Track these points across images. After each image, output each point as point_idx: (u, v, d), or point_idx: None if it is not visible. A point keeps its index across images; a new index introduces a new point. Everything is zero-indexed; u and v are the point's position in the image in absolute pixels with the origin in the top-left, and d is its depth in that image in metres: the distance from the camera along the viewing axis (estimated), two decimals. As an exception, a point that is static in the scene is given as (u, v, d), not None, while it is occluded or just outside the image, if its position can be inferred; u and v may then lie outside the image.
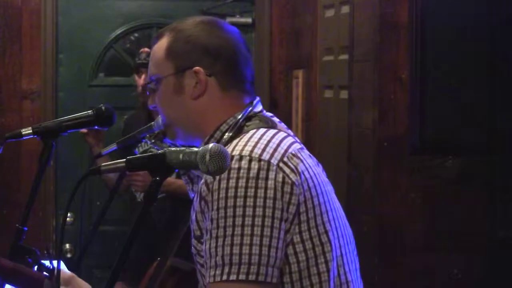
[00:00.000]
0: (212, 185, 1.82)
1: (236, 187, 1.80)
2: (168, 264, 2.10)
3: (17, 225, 2.13)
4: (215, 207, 1.81)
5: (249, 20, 5.28)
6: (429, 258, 3.92)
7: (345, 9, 4.35)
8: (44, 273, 2.05)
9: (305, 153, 1.93)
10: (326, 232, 1.88)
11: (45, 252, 4.75)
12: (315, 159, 1.98)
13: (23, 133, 2.23)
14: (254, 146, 1.85)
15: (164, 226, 4.05)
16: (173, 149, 1.65)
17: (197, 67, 1.98)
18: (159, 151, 1.65)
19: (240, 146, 1.86)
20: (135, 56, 4.52)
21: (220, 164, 1.58)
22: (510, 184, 3.92)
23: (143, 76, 4.24)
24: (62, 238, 1.99)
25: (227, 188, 1.80)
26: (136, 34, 5.34)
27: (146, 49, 4.26)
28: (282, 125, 2.02)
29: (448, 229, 3.93)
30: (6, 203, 4.97)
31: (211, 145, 1.59)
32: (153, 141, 2.11)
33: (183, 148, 1.64)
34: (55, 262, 1.94)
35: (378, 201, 3.95)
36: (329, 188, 1.96)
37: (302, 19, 5.07)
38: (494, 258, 3.93)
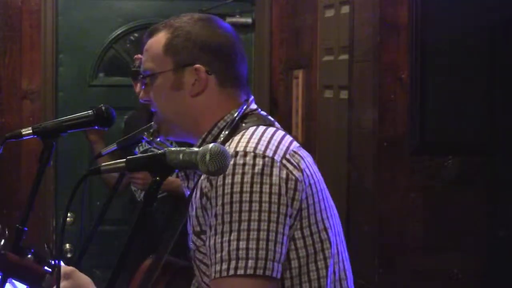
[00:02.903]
0: (216, 181, 1.82)
1: (242, 182, 1.80)
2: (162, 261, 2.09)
3: (17, 225, 2.13)
4: (219, 203, 1.81)
5: (249, 20, 5.27)
6: (429, 258, 3.92)
7: (345, 9, 4.35)
8: (46, 268, 2.05)
9: (304, 152, 1.95)
10: (326, 229, 1.90)
11: (46, 247, 4.75)
12: (311, 157, 2.00)
13: (23, 133, 2.22)
14: (257, 143, 1.86)
15: (164, 225, 4.04)
16: (173, 149, 1.64)
17: (197, 65, 1.97)
18: (159, 151, 1.65)
19: (243, 143, 1.86)
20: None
21: (220, 164, 1.58)
22: (510, 184, 3.92)
23: (138, 84, 4.23)
24: (62, 238, 1.99)
25: (232, 183, 1.80)
26: (136, 34, 5.34)
27: (140, 56, 4.25)
28: (277, 124, 2.03)
29: (448, 229, 3.93)
30: (6, 203, 4.96)
31: (211, 145, 1.59)
32: (151, 138, 2.11)
33: (183, 148, 1.64)
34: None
35: (378, 201, 3.95)
36: (325, 186, 1.97)
37: (302, 19, 5.07)
38: (494, 258, 3.93)
